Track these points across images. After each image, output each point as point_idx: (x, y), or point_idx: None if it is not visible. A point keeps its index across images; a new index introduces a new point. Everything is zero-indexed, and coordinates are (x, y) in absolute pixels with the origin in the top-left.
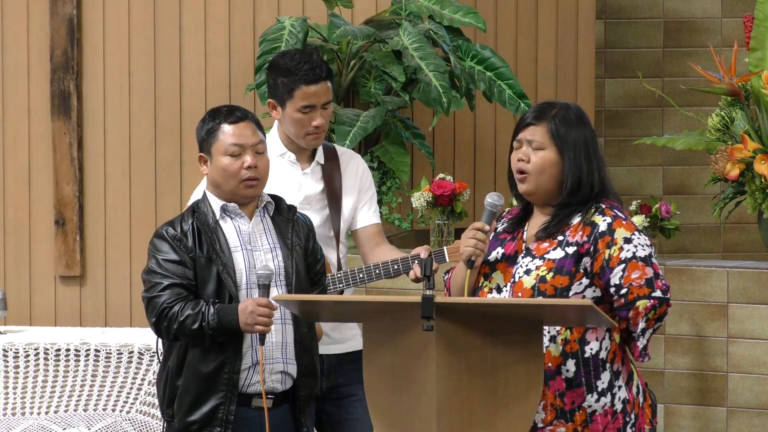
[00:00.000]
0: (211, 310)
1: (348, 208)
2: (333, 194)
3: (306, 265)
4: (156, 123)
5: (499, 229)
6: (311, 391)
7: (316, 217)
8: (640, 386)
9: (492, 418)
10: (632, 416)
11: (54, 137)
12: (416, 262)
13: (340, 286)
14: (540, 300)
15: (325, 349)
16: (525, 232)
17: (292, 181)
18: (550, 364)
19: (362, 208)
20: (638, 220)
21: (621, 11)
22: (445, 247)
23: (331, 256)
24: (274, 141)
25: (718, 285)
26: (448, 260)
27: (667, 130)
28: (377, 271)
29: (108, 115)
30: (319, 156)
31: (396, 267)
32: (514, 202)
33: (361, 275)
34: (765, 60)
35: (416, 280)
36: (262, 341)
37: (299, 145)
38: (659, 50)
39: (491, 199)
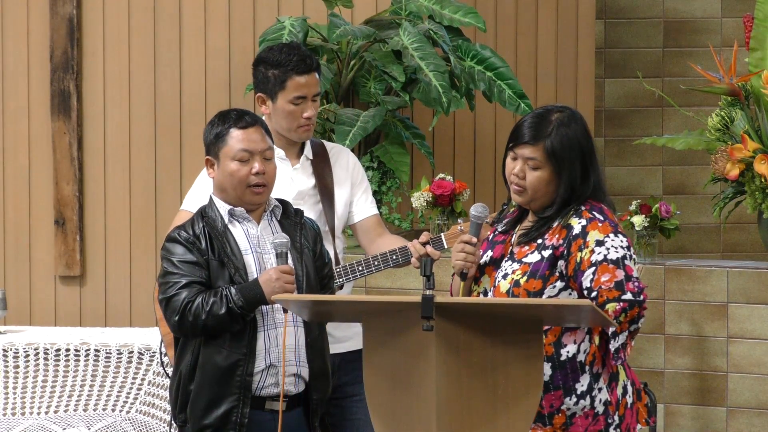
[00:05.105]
0: (233, 290)
1: (341, 202)
2: (325, 189)
3: (315, 269)
4: (156, 123)
5: (499, 229)
6: (324, 394)
7: (310, 212)
8: (628, 387)
9: (492, 418)
10: (615, 417)
11: (54, 137)
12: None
13: (340, 280)
14: (540, 300)
15: None
16: (514, 235)
17: (284, 176)
18: None
19: (358, 201)
20: (638, 220)
21: (621, 11)
22: (442, 234)
23: (327, 250)
24: None
25: (718, 285)
26: (446, 246)
27: (667, 130)
28: (376, 263)
29: (108, 115)
30: (308, 151)
31: (395, 257)
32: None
33: (360, 268)
34: (765, 60)
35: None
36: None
37: (288, 141)
38: (659, 50)
39: (476, 210)
